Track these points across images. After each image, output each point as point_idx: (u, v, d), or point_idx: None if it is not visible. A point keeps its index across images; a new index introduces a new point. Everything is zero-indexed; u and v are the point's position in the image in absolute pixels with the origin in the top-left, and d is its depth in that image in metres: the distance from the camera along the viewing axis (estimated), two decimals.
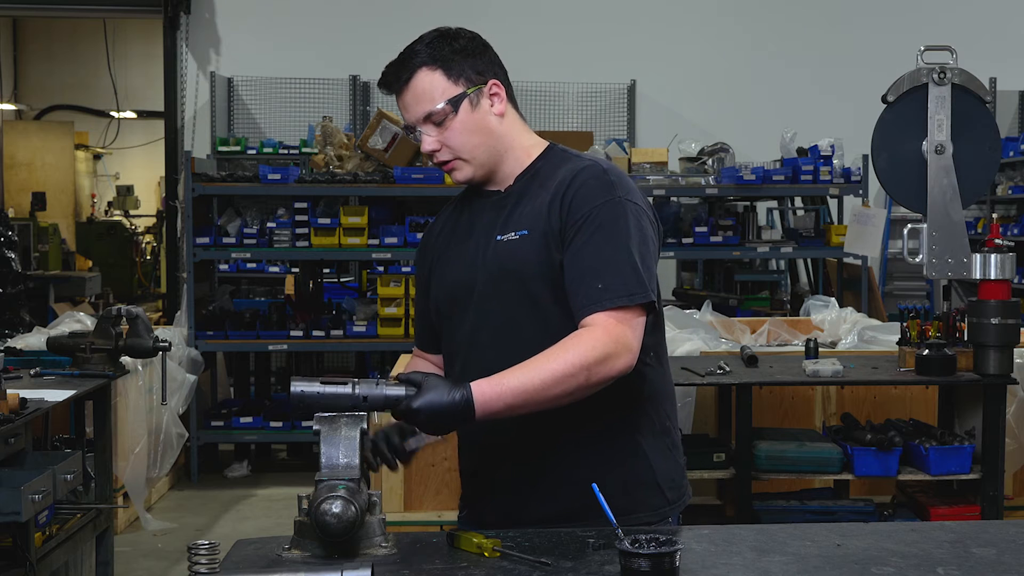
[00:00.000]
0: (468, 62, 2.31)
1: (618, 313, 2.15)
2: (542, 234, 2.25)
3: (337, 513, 1.85)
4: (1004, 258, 4.17)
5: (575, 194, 2.23)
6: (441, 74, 2.27)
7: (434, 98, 2.26)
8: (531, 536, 2.09)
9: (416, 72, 2.27)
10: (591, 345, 2.11)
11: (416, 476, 4.64)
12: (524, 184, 2.34)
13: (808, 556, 1.99)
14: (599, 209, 2.21)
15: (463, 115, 2.27)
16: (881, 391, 5.00)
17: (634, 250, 2.20)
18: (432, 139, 2.28)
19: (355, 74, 9.87)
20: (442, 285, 2.40)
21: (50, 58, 15.08)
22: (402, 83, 2.28)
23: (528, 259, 2.25)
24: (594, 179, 2.25)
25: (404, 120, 2.32)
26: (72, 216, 13.66)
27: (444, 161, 2.31)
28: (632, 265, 2.18)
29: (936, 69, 4.43)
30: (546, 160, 2.35)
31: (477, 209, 2.38)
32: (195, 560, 1.80)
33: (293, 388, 2.04)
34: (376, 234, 7.05)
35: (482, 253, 2.31)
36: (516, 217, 2.30)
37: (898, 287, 9.97)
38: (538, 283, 2.25)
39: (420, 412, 2.02)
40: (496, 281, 2.28)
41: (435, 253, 2.45)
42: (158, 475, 6.20)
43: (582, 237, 2.20)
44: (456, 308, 2.36)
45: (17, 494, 3.33)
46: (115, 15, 12.54)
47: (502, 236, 2.29)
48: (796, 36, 10.07)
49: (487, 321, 2.30)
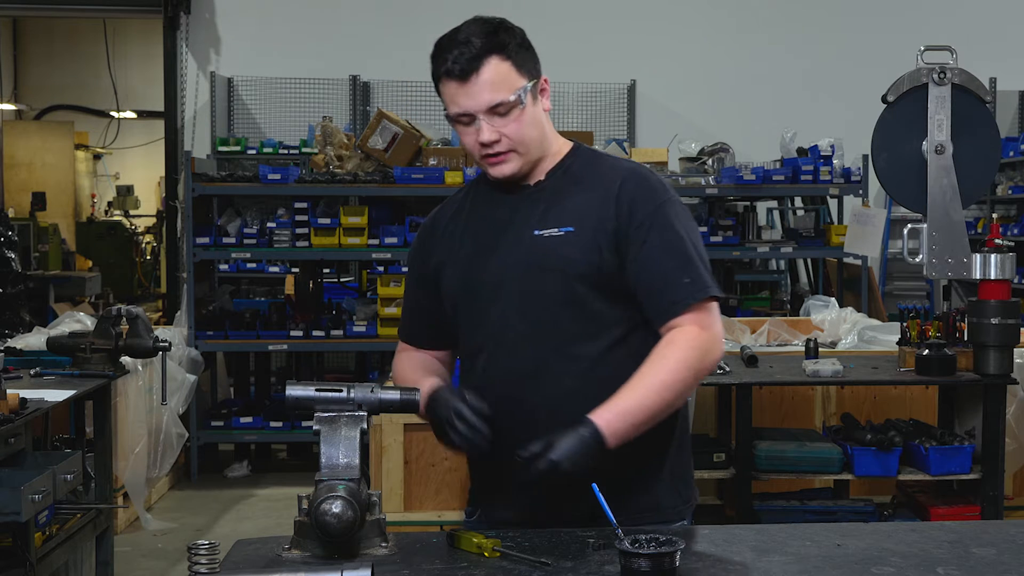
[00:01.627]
0: (529, 55, 2.30)
1: (704, 305, 2.24)
2: (591, 232, 2.26)
3: (337, 513, 1.85)
4: (1004, 258, 4.16)
5: (633, 197, 2.27)
6: (511, 65, 2.25)
7: (505, 88, 2.23)
8: (531, 536, 2.09)
9: (487, 60, 2.23)
10: (691, 345, 2.20)
11: (416, 476, 4.64)
12: (557, 180, 2.33)
13: (808, 556, 1.99)
14: (660, 209, 2.27)
15: (528, 108, 2.26)
16: (881, 391, 5.00)
17: (699, 246, 2.30)
18: (492, 129, 2.25)
19: (355, 74, 9.87)
20: (461, 278, 2.36)
21: (50, 58, 15.09)
22: (472, 71, 2.23)
23: (574, 256, 2.25)
24: (645, 181, 2.31)
25: (461, 107, 2.26)
26: (72, 216, 13.66)
27: (495, 153, 2.27)
28: (703, 260, 2.29)
29: (936, 69, 4.43)
30: (576, 158, 2.37)
31: (500, 203, 2.36)
32: (195, 560, 1.80)
33: (288, 393, 2.05)
34: (376, 234, 7.04)
35: (516, 248, 2.29)
36: (556, 213, 2.29)
37: (898, 287, 9.97)
38: (582, 280, 2.25)
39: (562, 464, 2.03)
40: (534, 276, 2.27)
41: (445, 247, 2.41)
42: (158, 475, 6.20)
43: (654, 239, 2.25)
44: (480, 302, 2.33)
45: (17, 494, 3.33)
46: (115, 15, 12.54)
47: (541, 231, 2.28)
48: (796, 36, 10.07)
49: (523, 316, 2.28)
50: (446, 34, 2.28)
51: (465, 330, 2.38)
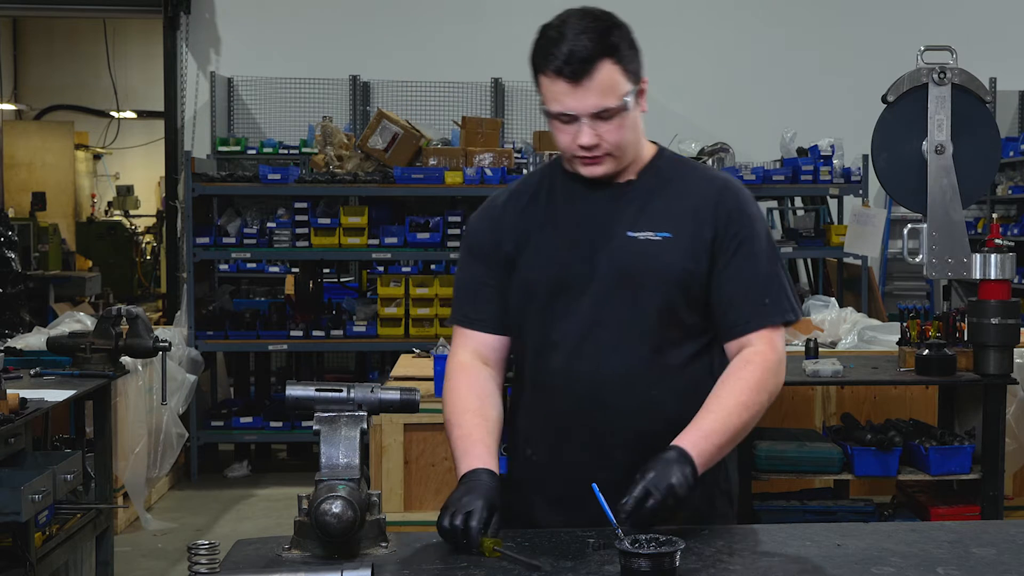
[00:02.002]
0: (636, 57, 2.24)
1: (776, 328, 2.26)
2: (689, 239, 2.24)
3: (337, 513, 1.85)
4: (1004, 258, 4.16)
5: (730, 209, 2.27)
6: (620, 69, 2.18)
7: (614, 93, 2.18)
8: (531, 536, 2.09)
9: (600, 63, 2.16)
10: (764, 367, 2.22)
11: (416, 476, 4.64)
12: (648, 180, 2.31)
13: (808, 556, 1.99)
14: (753, 225, 2.28)
15: (630, 113, 2.22)
16: (881, 391, 5.00)
17: (783, 267, 2.31)
18: (593, 133, 2.20)
19: (355, 74, 9.87)
20: (544, 270, 2.29)
21: (50, 58, 15.09)
22: (584, 73, 2.16)
23: (672, 262, 2.23)
24: (741, 194, 2.32)
25: (564, 107, 2.19)
26: (72, 216, 13.66)
27: (592, 156, 2.23)
28: (788, 282, 2.29)
29: (936, 69, 4.43)
30: (663, 161, 2.35)
31: (586, 197, 2.30)
32: (195, 560, 1.80)
33: (288, 393, 2.05)
34: (376, 234, 7.04)
35: (608, 247, 2.26)
36: (650, 215, 2.27)
37: (898, 287, 9.97)
38: (676, 287, 2.24)
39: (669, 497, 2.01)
40: (627, 277, 2.24)
41: (522, 233, 2.33)
42: (158, 475, 6.20)
43: (744, 253, 2.26)
44: (562, 297, 2.27)
45: (17, 494, 3.33)
46: (115, 15, 12.54)
47: (635, 233, 2.25)
48: (796, 36, 10.07)
49: (613, 319, 2.24)
50: (553, 24, 2.20)
51: (538, 324, 2.30)
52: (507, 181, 6.98)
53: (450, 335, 2.49)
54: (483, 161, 7.12)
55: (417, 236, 6.97)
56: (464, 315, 2.39)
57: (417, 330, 6.99)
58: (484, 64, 9.74)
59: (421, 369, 5.05)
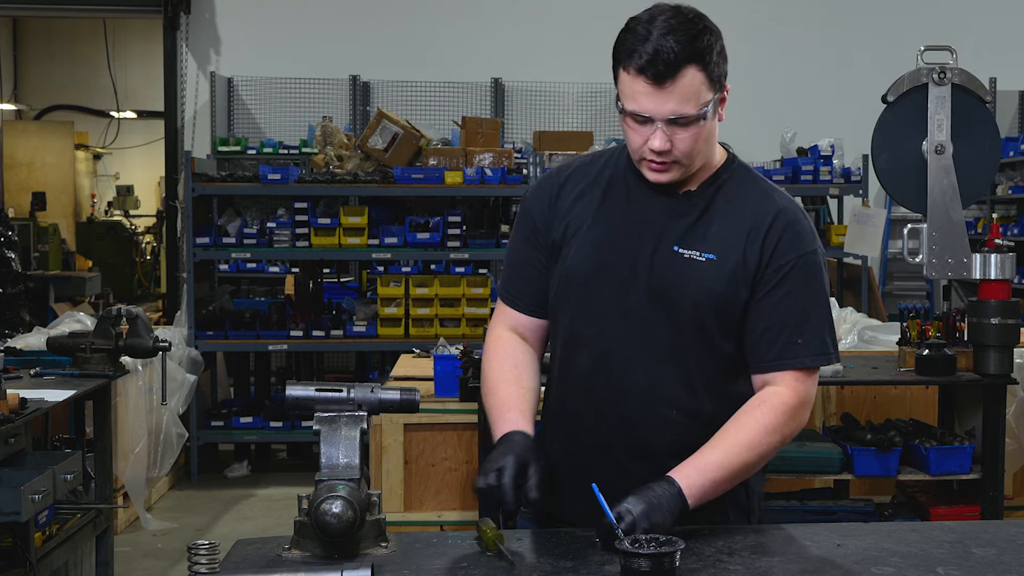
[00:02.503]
0: (723, 64, 2.15)
1: (808, 369, 2.19)
2: (733, 266, 2.18)
3: (337, 513, 1.84)
4: (1004, 258, 4.16)
5: (779, 239, 2.18)
6: (704, 76, 2.09)
7: (694, 101, 2.09)
8: (533, 536, 2.09)
9: (685, 68, 2.07)
10: (782, 410, 2.15)
11: (416, 476, 4.64)
12: (707, 195, 2.23)
13: (808, 556, 1.99)
14: (802, 260, 2.19)
15: (707, 122, 2.14)
16: (881, 391, 5.00)
17: (826, 306, 2.22)
18: (666, 139, 2.11)
19: (355, 74, 9.87)
20: (582, 264, 2.23)
21: (50, 58, 15.09)
22: (667, 76, 2.07)
23: (712, 287, 2.17)
24: (797, 224, 2.21)
25: (641, 108, 2.11)
26: (72, 216, 13.67)
27: (661, 162, 2.15)
28: (829, 323, 2.22)
29: (936, 69, 4.43)
30: (730, 173, 2.27)
31: (642, 198, 2.24)
32: (195, 560, 1.80)
33: (288, 393, 2.04)
34: (376, 234, 7.04)
35: (651, 254, 2.20)
36: (702, 234, 2.20)
37: (898, 287, 9.97)
38: (712, 312, 2.18)
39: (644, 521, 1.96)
40: (666, 293, 2.18)
41: (574, 219, 2.26)
42: (158, 475, 6.20)
43: (785, 287, 2.17)
44: (597, 297, 2.22)
45: (17, 494, 3.33)
46: (115, 15, 12.54)
47: (683, 250, 2.19)
48: (796, 36, 10.07)
49: (644, 328, 2.19)
50: (641, 19, 2.12)
51: (570, 319, 2.26)
52: (507, 181, 6.99)
53: (449, 335, 2.50)
54: (483, 161, 7.12)
55: (417, 236, 6.97)
56: (506, 291, 2.36)
57: (417, 330, 6.99)
58: (484, 64, 9.75)
59: (421, 369, 5.05)
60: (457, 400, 4.45)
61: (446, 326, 6.91)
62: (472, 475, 4.44)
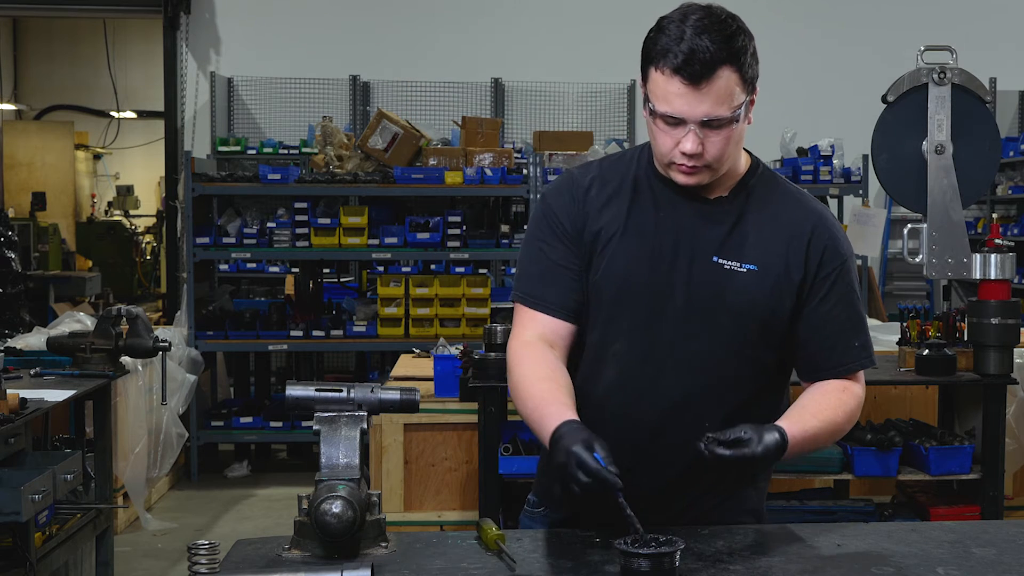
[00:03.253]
0: (755, 66, 2.12)
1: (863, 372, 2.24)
2: (775, 277, 2.15)
3: (337, 513, 1.84)
4: (1004, 258, 4.16)
5: (824, 248, 2.18)
6: (738, 78, 2.06)
7: (728, 103, 2.06)
8: (532, 536, 2.09)
9: (721, 69, 2.04)
10: (857, 404, 2.21)
11: (416, 476, 4.64)
12: (740, 201, 2.19)
13: (808, 556, 1.99)
14: (844, 266, 2.21)
15: (738, 125, 2.11)
16: (881, 391, 4.99)
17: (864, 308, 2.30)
18: (698, 141, 2.07)
19: (355, 74, 9.87)
20: (614, 276, 2.17)
21: (50, 58, 15.09)
22: (704, 77, 2.03)
23: (756, 299, 2.14)
24: (835, 230, 2.23)
25: (673, 110, 2.06)
26: (72, 216, 13.66)
27: (692, 165, 2.10)
28: (868, 326, 2.27)
29: (936, 69, 4.43)
30: (758, 179, 2.23)
31: (675, 205, 2.18)
32: (195, 560, 1.80)
33: (288, 393, 2.04)
34: (376, 234, 7.04)
35: (690, 268, 2.15)
36: (740, 243, 2.16)
37: (898, 287, 9.97)
38: (756, 324, 2.16)
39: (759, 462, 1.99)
40: (706, 305, 2.14)
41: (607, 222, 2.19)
42: (158, 475, 6.20)
43: (837, 293, 2.19)
44: (629, 310, 2.16)
45: (17, 494, 3.33)
46: (115, 15, 12.54)
47: (723, 260, 2.15)
48: (796, 36, 10.06)
49: (680, 342, 2.15)
50: (673, 18, 2.06)
51: (600, 331, 2.19)
52: (507, 181, 6.99)
53: (449, 335, 2.47)
54: (483, 161, 7.12)
55: (417, 236, 6.97)
56: (530, 294, 2.22)
57: (417, 330, 6.99)
58: (484, 64, 9.75)
59: (421, 369, 5.05)
60: (457, 400, 4.45)
61: (446, 326, 6.92)
62: (472, 475, 4.44)
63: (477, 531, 2.05)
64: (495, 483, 3.87)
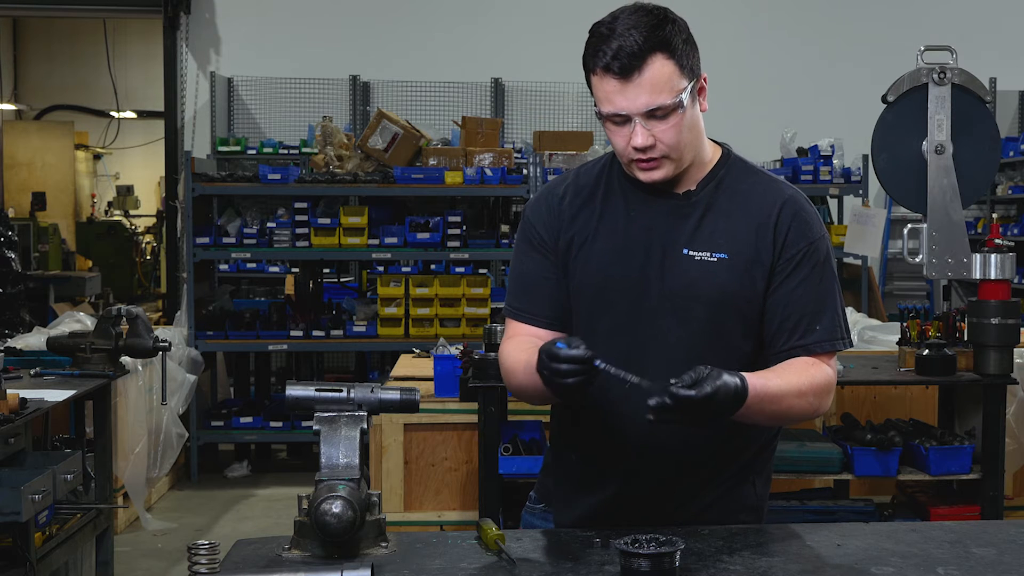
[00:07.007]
0: (693, 52, 2.12)
1: (829, 354, 2.19)
2: (746, 262, 2.15)
3: (337, 513, 1.84)
4: (1004, 258, 4.16)
5: (790, 228, 2.17)
6: (674, 64, 2.07)
7: (667, 90, 2.06)
8: (532, 535, 2.09)
9: (651, 58, 2.04)
10: (826, 380, 2.16)
11: (416, 476, 4.64)
12: (709, 193, 2.19)
13: (808, 556, 1.99)
14: (813, 247, 2.18)
15: (687, 112, 2.10)
16: (881, 391, 5.00)
17: (838, 291, 2.22)
18: (647, 134, 2.08)
19: (355, 74, 9.87)
20: (589, 279, 2.20)
21: (50, 58, 15.09)
22: (633, 68, 2.04)
23: (727, 287, 2.14)
24: (803, 212, 2.20)
25: (615, 107, 2.08)
26: (72, 216, 13.67)
27: (648, 158, 2.11)
28: (842, 308, 2.22)
29: (936, 69, 4.43)
30: (727, 169, 2.23)
31: (643, 205, 2.19)
32: (195, 560, 1.80)
33: (288, 393, 2.04)
34: (376, 234, 7.04)
35: (662, 264, 2.16)
36: (709, 234, 2.16)
37: (898, 287, 9.97)
38: (729, 312, 2.16)
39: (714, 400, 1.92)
40: (680, 298, 2.15)
41: (578, 230, 2.21)
42: (158, 475, 6.20)
43: (800, 274, 2.16)
44: (608, 311, 2.18)
45: (17, 494, 3.33)
46: (115, 15, 12.54)
47: (692, 252, 2.16)
48: (796, 35, 10.07)
49: (659, 337, 2.16)
50: (603, 22, 2.09)
51: (581, 328, 2.21)
52: (507, 181, 6.99)
53: (449, 335, 2.48)
54: (483, 161, 7.12)
55: (417, 236, 6.97)
56: (514, 307, 2.28)
57: (417, 330, 6.99)
58: (484, 64, 9.75)
59: (421, 369, 5.05)
60: (457, 400, 4.45)
61: (446, 326, 6.92)
62: (472, 475, 4.45)
63: (477, 531, 2.05)
64: (495, 483, 3.87)
